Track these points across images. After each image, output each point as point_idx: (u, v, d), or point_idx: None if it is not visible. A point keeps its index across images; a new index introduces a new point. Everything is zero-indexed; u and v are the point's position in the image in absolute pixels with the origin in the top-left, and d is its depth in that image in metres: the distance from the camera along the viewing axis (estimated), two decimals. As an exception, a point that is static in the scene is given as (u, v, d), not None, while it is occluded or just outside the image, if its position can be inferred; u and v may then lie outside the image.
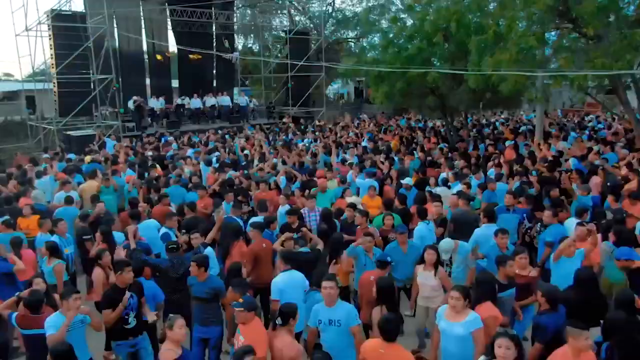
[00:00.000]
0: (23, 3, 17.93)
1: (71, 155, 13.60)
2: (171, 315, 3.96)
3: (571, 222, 6.40)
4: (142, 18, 21.82)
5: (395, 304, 4.86)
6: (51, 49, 18.17)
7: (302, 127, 21.81)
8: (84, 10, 19.08)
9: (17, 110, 29.15)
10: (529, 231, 6.91)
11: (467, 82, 11.20)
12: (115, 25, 20.33)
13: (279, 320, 4.01)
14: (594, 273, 4.81)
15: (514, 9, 9.20)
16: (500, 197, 7.72)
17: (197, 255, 5.02)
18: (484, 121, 22.74)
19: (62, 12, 18.31)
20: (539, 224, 6.67)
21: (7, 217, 6.95)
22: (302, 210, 7.39)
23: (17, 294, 4.86)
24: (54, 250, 5.89)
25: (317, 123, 23.24)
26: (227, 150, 13.91)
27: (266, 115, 25.12)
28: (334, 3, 31.83)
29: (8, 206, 8.07)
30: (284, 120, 24.22)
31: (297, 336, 4.66)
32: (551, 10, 8.83)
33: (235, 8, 26.42)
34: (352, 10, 31.80)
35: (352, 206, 6.98)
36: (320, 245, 6.07)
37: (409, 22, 15.20)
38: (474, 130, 18.76)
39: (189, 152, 13.49)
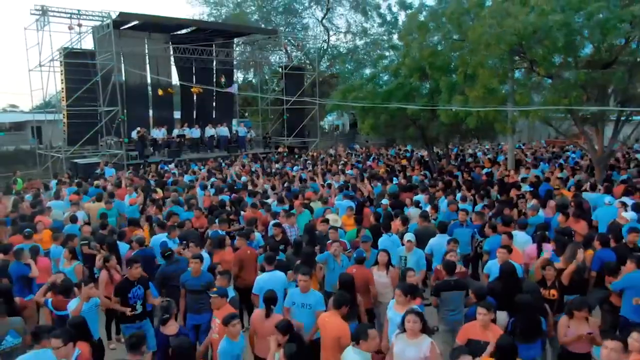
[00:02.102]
0: (38, 41, 19.45)
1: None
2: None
3: (516, 234, 7.48)
4: (146, 55, 23.37)
5: (353, 290, 5.76)
6: (62, 83, 19.61)
7: (296, 156, 23.04)
8: (93, 48, 20.61)
9: (23, 140, 30.60)
10: (480, 244, 7.96)
11: (439, 117, 12.41)
12: (122, 62, 21.77)
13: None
14: (514, 267, 5.84)
15: (479, 54, 10.45)
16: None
17: (196, 254, 6.13)
18: (469, 151, 24.01)
19: (74, 50, 19.79)
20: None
21: (28, 229, 8.01)
22: (284, 226, 8.45)
23: (47, 282, 5.89)
24: (74, 254, 6.96)
25: (310, 153, 24.47)
26: (223, 176, 15.06)
27: (263, 145, 26.41)
28: (328, 40, 33.73)
29: (23, 222, 9.19)
30: (279, 149, 25.49)
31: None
32: (510, 54, 10.12)
33: (234, 45, 28.06)
34: (346, 46, 33.70)
35: (326, 221, 8.06)
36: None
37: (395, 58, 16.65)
38: (458, 159, 20.00)
39: (186, 178, 14.62)
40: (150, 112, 24.60)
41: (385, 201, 10.32)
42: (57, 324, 5.48)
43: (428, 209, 9.77)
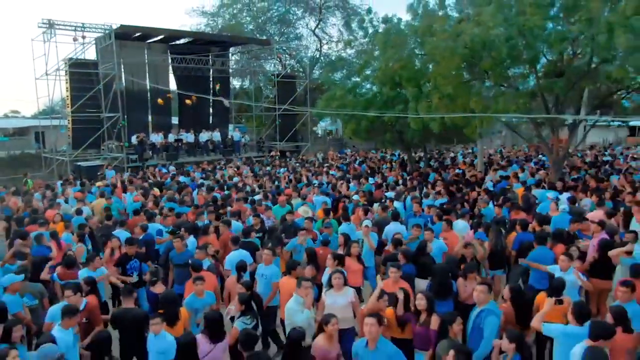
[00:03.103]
0: (44, 52, 20.86)
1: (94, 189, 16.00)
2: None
3: (457, 222, 8.79)
4: (146, 64, 24.72)
5: (316, 260, 7.02)
6: (67, 90, 20.97)
7: (287, 159, 24.39)
8: (96, 58, 22.01)
9: (27, 145, 31.95)
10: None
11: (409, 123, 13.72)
12: (123, 71, 23.13)
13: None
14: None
15: (439, 66, 11.75)
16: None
17: (178, 235, 7.45)
18: (451, 154, 25.37)
19: (78, 60, 21.17)
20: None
21: (41, 219, 9.33)
22: (262, 217, 9.74)
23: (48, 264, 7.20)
24: (81, 238, 8.29)
25: (300, 157, 25.81)
26: (216, 177, 16.39)
27: (256, 149, 27.76)
28: (320, 49, 35.18)
29: (35, 215, 10.53)
30: (272, 153, 26.83)
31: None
32: (467, 65, 11.47)
33: (230, 54, 29.47)
34: (338, 55, 35.12)
35: (291, 213, 9.45)
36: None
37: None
38: (437, 161, 21.34)
39: (181, 179, 15.95)
40: (150, 117, 25.92)
41: (356, 197, 11.66)
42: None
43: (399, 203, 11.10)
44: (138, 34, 22.93)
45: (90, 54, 22.72)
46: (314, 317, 5.44)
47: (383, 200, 11.35)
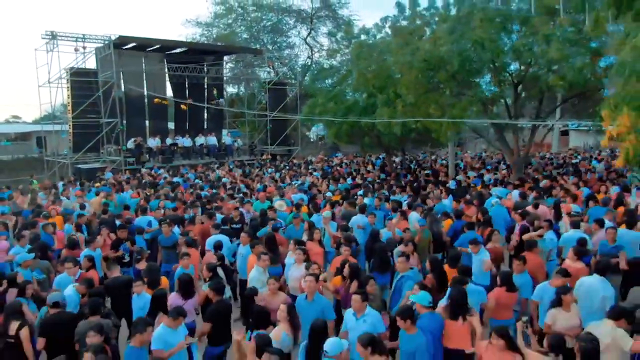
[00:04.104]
0: (47, 61, 22.18)
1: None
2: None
3: (411, 214, 10.06)
4: (144, 72, 26.01)
5: (276, 246, 8.27)
6: (69, 97, 22.30)
7: (276, 163, 25.68)
8: (96, 67, 23.34)
9: (28, 149, 33.28)
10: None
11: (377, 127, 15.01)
12: (121, 79, 24.42)
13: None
14: (378, 231, 8.44)
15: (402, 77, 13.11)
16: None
17: (167, 221, 8.72)
18: (433, 157, 26.69)
19: (79, 69, 22.50)
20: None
21: (45, 212, 10.62)
22: (242, 210, 11.00)
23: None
24: (79, 228, 9.55)
25: (290, 160, 27.11)
26: (208, 178, 17.72)
27: (248, 153, 29.05)
28: (312, 57, 36.58)
29: (39, 210, 11.81)
30: (263, 157, 28.13)
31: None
32: (424, 77, 12.81)
33: (224, 62, 30.80)
34: (329, 63, 36.50)
35: (272, 208, 10.69)
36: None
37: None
38: (417, 164, 22.68)
39: (175, 179, 17.30)
40: (147, 122, 27.18)
41: (329, 194, 12.96)
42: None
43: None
44: (136, 44, 24.25)
45: (91, 63, 24.08)
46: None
47: (354, 197, 12.65)
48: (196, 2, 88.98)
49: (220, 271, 6.88)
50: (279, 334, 4.90)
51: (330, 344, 4.15)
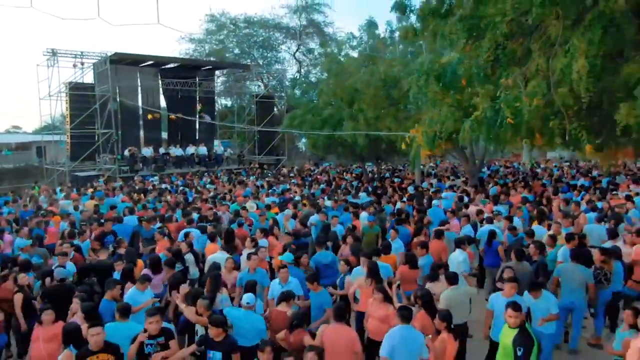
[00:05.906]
0: (48, 76, 23.85)
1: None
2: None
3: (362, 214, 11.60)
4: (139, 86, 27.60)
5: (233, 238, 9.78)
6: (67, 110, 23.94)
7: (263, 171, 27.26)
8: (93, 82, 25.01)
9: (28, 158, 34.82)
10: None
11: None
12: (117, 92, 26.00)
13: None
14: (329, 226, 9.97)
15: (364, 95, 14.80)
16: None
17: (148, 218, 10.26)
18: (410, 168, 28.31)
19: (78, 84, 24.18)
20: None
21: (43, 212, 12.17)
22: (219, 212, 12.54)
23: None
24: (72, 225, 11.11)
25: (276, 169, 28.72)
26: (194, 184, 19.32)
27: (237, 162, 30.63)
28: (300, 70, 38.38)
29: (39, 210, 13.38)
30: (251, 166, 29.72)
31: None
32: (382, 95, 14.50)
33: (216, 77, 32.50)
34: (316, 76, 38.31)
35: (245, 209, 12.22)
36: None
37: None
38: (392, 173, 24.29)
39: (163, 185, 18.87)
40: (141, 132, 28.73)
41: (298, 197, 14.55)
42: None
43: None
44: (131, 60, 25.93)
45: (88, 78, 25.74)
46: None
47: (318, 200, 14.22)
48: (190, 19, 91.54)
49: (190, 256, 8.44)
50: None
51: (246, 297, 5.70)
